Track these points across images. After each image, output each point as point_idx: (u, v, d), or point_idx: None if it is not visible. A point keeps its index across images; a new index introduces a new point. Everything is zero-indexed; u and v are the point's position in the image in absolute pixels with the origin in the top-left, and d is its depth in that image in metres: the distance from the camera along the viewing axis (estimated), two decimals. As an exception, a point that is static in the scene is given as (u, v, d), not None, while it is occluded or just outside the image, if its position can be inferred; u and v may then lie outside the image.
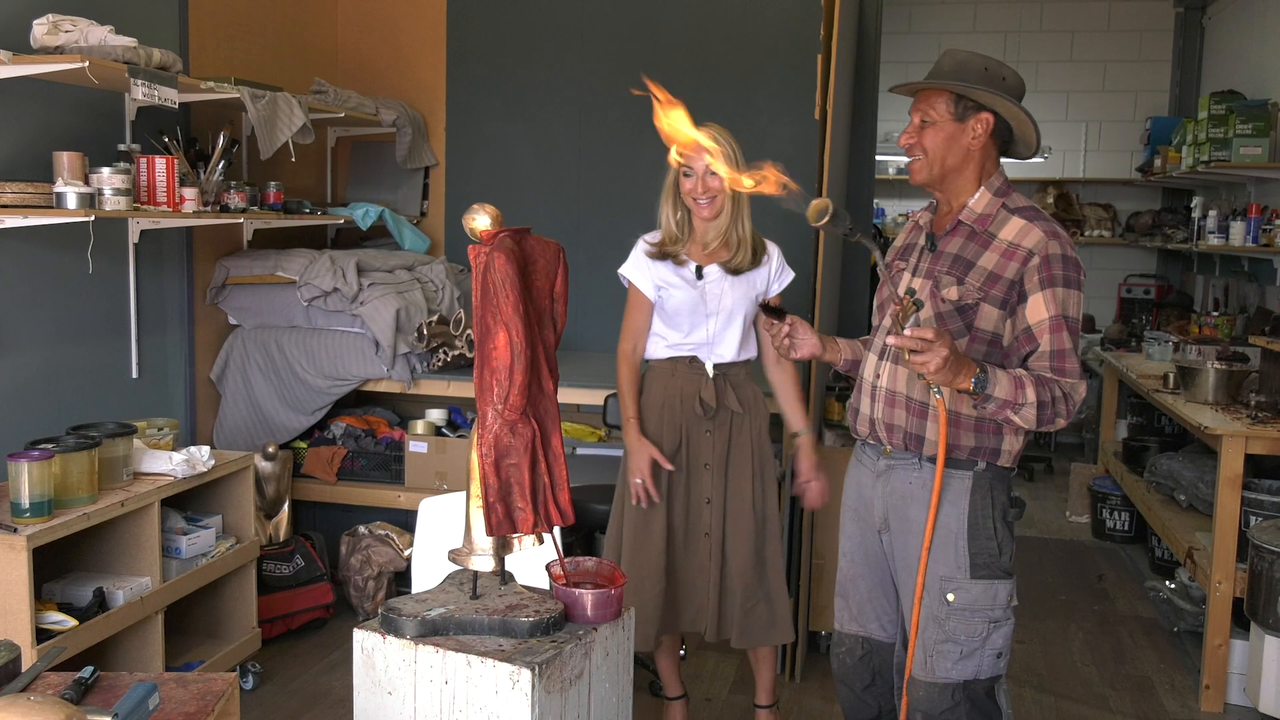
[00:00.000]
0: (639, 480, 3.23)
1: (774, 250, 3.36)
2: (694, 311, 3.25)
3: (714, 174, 3.15)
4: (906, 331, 2.20)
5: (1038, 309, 2.36)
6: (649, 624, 3.24)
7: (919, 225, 2.61)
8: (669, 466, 3.24)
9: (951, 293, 2.42)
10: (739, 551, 3.29)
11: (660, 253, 3.28)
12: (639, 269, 3.31)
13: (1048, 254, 2.37)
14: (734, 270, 3.26)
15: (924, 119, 2.45)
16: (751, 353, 3.36)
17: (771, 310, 2.59)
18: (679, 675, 3.52)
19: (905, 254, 2.61)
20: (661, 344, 3.32)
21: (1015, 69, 2.50)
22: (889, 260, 2.67)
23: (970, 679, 2.46)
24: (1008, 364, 2.41)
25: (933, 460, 2.45)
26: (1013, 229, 2.42)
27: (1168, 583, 4.75)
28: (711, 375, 3.27)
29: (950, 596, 2.45)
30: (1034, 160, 8.11)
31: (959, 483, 2.45)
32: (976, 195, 2.48)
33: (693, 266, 3.26)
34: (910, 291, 2.37)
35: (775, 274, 3.35)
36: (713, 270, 3.26)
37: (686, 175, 3.21)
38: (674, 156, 2.89)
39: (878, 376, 2.54)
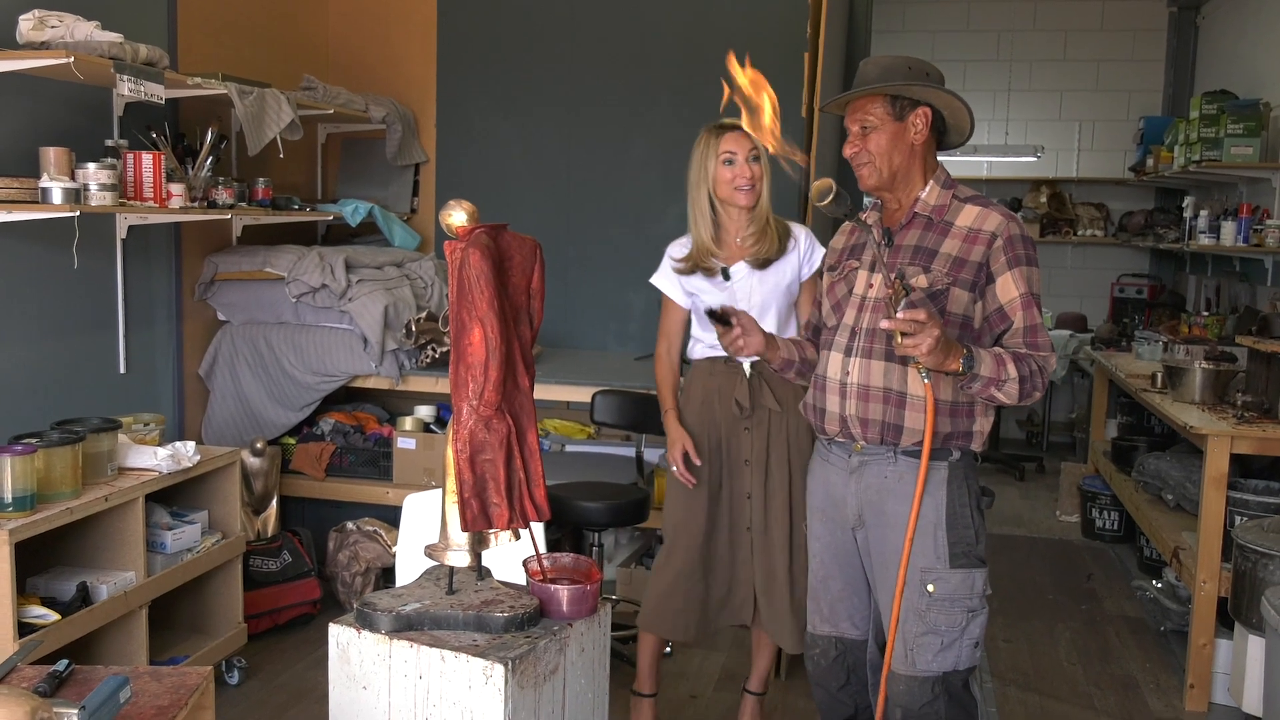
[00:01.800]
0: (674, 467, 3.29)
1: (800, 232, 3.32)
2: None
3: (755, 160, 3.16)
4: (899, 315, 2.23)
5: (1008, 288, 2.43)
6: (687, 615, 3.28)
7: (867, 224, 2.63)
8: (697, 460, 3.26)
9: (921, 280, 2.46)
10: (778, 549, 3.28)
11: (689, 268, 3.27)
12: (669, 279, 3.34)
13: (1010, 235, 2.44)
14: (761, 263, 3.24)
15: (864, 125, 2.50)
16: None
17: (718, 317, 2.59)
18: (657, 674, 3.51)
19: (855, 253, 2.64)
20: (701, 345, 3.34)
21: (1008, 66, 2.54)
22: (834, 262, 2.69)
23: (950, 670, 2.48)
24: (980, 344, 2.46)
25: (908, 453, 2.48)
26: (970, 215, 2.48)
27: (1155, 582, 4.76)
28: (748, 374, 3.27)
29: (930, 587, 2.46)
30: (1027, 159, 8.04)
31: (936, 474, 2.48)
32: (927, 189, 2.53)
33: (719, 268, 3.26)
34: (900, 276, 2.38)
35: (805, 256, 3.30)
36: (739, 268, 3.25)
37: (729, 163, 3.17)
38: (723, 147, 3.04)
39: (846, 373, 2.54)
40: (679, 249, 3.33)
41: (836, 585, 2.68)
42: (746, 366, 3.27)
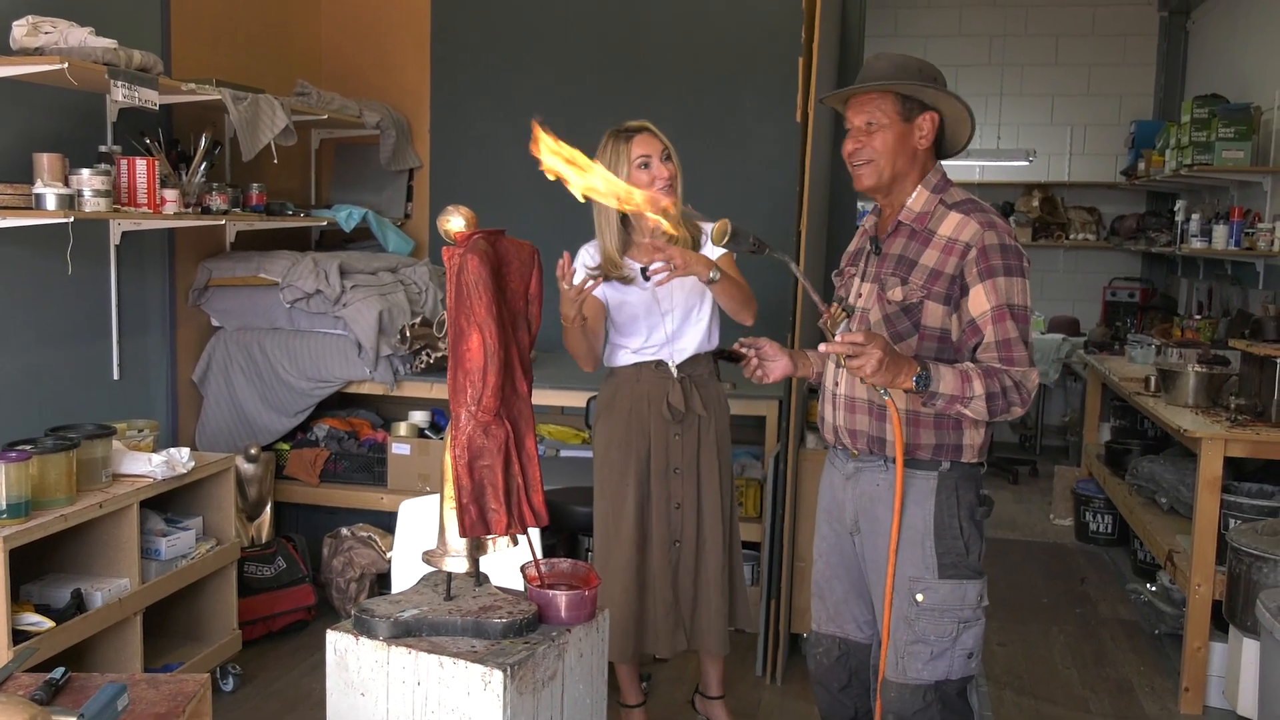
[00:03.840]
0: (565, 285, 2.97)
1: (708, 228, 3.29)
2: (649, 312, 3.23)
3: (668, 159, 3.14)
4: (837, 338, 2.23)
5: (979, 301, 2.36)
6: (619, 637, 3.23)
7: (866, 230, 2.63)
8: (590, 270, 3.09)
9: (896, 293, 2.43)
10: (710, 558, 3.30)
11: (602, 277, 3.22)
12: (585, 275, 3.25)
13: (984, 245, 2.36)
14: None
15: (870, 122, 2.43)
16: (715, 343, 3.34)
17: (727, 355, 2.59)
18: (638, 682, 3.51)
19: (855, 259, 2.63)
20: (625, 352, 3.30)
21: (1000, 70, 2.52)
22: (842, 266, 2.68)
23: (942, 679, 2.46)
24: (960, 358, 2.41)
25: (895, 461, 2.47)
26: (950, 224, 2.40)
27: (1149, 585, 4.77)
28: (677, 377, 3.27)
29: (919, 597, 2.45)
30: (1019, 164, 8.04)
31: (924, 483, 2.46)
32: (915, 194, 2.47)
33: (638, 268, 3.22)
34: (840, 299, 2.37)
35: (713, 250, 3.30)
36: (658, 267, 3.24)
37: (645, 166, 3.15)
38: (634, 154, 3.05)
39: (836, 384, 2.56)
40: (591, 257, 3.28)
41: (840, 587, 2.67)
42: (674, 370, 3.26)
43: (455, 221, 2.04)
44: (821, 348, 2.26)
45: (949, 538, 2.45)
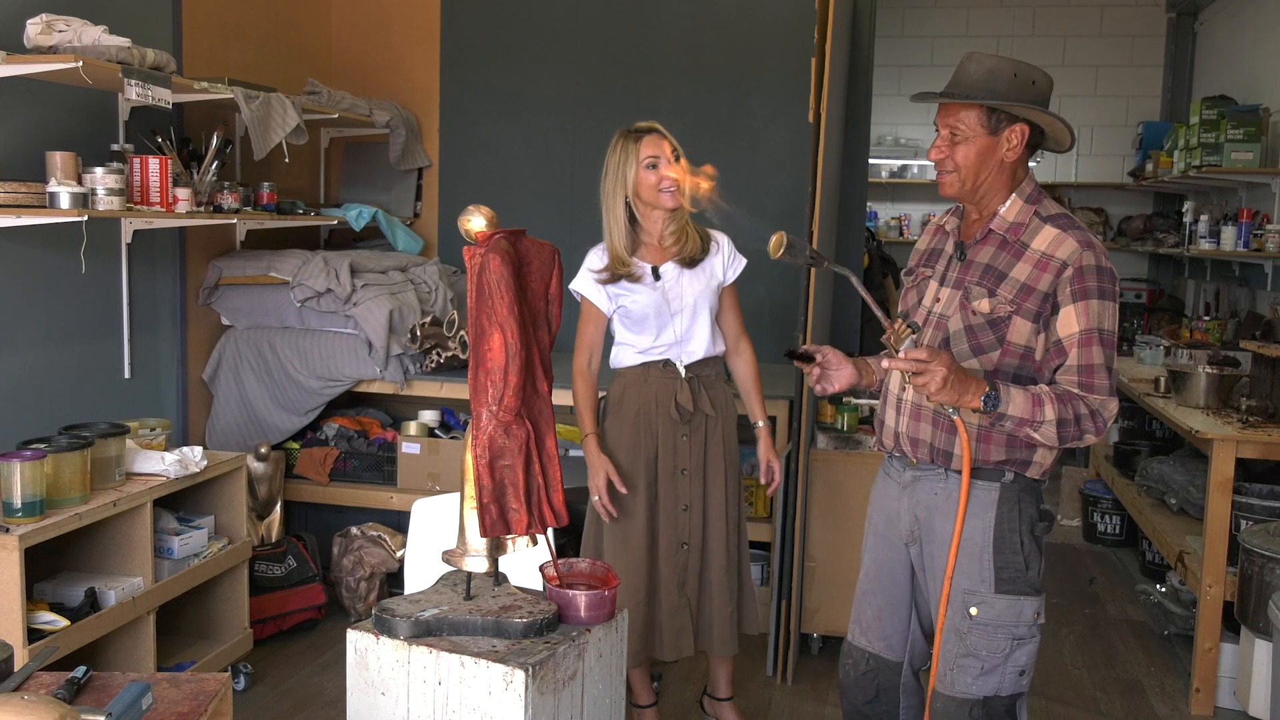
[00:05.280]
0: (597, 498, 3.22)
1: (722, 238, 3.34)
2: (659, 313, 3.22)
3: (677, 161, 3.14)
4: (901, 354, 2.17)
5: (1069, 322, 2.28)
6: (630, 640, 3.22)
7: (944, 230, 2.53)
8: (622, 488, 3.19)
9: (983, 305, 2.34)
10: (716, 560, 3.30)
11: (611, 277, 3.22)
12: (592, 286, 3.27)
13: (1082, 265, 2.27)
14: (689, 262, 3.24)
15: (954, 132, 2.34)
16: (721, 347, 3.35)
17: (798, 355, 2.47)
18: (649, 682, 3.51)
19: (930, 260, 2.53)
20: (631, 351, 3.29)
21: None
22: (913, 265, 2.59)
23: (991, 695, 2.39)
24: (1040, 378, 2.34)
25: (960, 472, 2.36)
26: (1045, 238, 2.31)
27: (1158, 586, 4.76)
28: (685, 377, 3.26)
29: (973, 610, 2.37)
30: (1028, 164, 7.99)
31: (985, 494, 2.38)
32: (1008, 203, 2.37)
33: (648, 268, 3.23)
34: (904, 316, 2.31)
35: (729, 261, 3.33)
36: (669, 268, 3.24)
37: (652, 167, 3.15)
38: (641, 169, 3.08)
39: (903, 389, 2.46)
40: (597, 259, 3.28)
41: (875, 603, 2.60)
42: (683, 370, 3.26)
43: (476, 221, 2.04)
44: (884, 363, 2.20)
45: (1009, 551, 2.37)
